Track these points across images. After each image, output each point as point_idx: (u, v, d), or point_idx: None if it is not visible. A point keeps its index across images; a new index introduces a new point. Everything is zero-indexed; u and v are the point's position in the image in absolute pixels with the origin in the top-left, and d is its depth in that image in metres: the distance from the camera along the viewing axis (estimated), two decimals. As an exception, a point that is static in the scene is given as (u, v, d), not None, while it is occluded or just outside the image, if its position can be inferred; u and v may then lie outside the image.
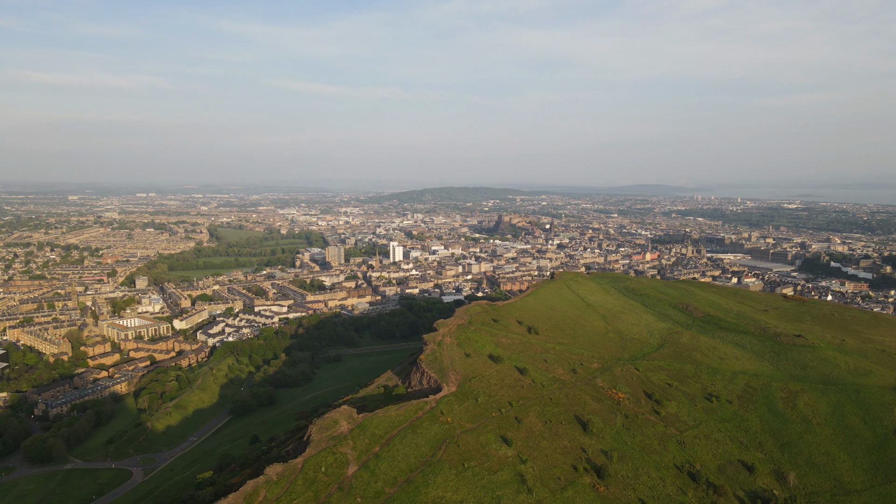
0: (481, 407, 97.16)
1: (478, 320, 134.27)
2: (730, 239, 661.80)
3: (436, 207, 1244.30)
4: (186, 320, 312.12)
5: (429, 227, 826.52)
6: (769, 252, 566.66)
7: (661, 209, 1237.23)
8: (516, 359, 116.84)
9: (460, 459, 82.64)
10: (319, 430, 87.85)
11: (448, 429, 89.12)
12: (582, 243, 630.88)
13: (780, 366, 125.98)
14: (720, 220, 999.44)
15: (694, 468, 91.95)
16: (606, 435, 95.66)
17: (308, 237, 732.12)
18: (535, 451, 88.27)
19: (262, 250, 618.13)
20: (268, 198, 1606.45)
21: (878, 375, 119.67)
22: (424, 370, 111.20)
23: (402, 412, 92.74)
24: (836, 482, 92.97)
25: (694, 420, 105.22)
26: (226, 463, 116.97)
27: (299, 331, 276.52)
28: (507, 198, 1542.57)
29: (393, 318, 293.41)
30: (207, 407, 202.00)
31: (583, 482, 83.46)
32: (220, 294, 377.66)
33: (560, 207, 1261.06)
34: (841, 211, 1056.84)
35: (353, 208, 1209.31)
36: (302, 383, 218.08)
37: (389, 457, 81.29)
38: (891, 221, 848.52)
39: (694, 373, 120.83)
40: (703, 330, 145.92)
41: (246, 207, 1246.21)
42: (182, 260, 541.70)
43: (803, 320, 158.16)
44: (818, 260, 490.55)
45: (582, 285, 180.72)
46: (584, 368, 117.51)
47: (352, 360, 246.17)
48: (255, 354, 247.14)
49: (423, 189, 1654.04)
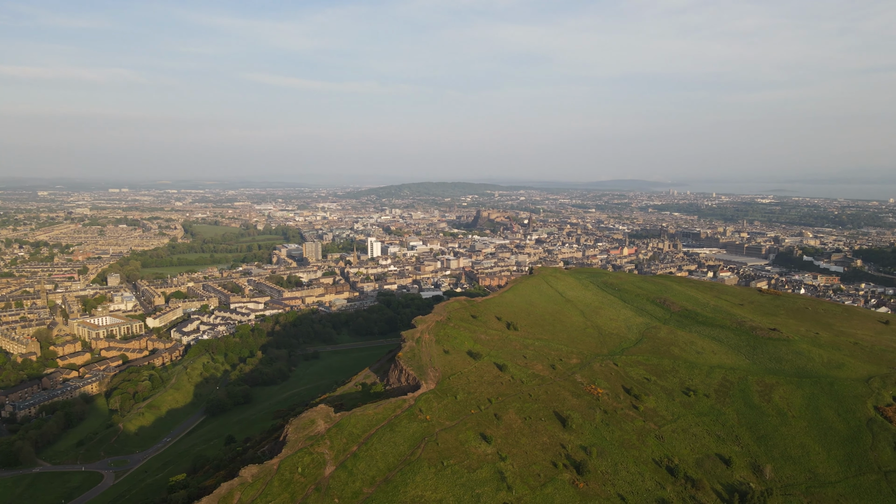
0: (460, 404, 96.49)
1: (456, 317, 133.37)
2: (705, 233, 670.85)
3: (414, 203, 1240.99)
4: (160, 318, 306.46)
5: (407, 223, 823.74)
6: (744, 246, 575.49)
7: (638, 204, 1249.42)
8: (495, 355, 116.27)
9: (439, 458, 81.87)
10: (296, 430, 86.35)
11: (427, 427, 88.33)
12: (560, 238, 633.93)
13: (755, 359, 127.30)
14: (696, 214, 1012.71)
15: (672, 462, 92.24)
16: (586, 430, 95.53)
17: (285, 233, 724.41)
18: (514, 448, 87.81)
19: (238, 246, 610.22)
20: (244, 193, 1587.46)
21: (851, 368, 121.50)
22: (403, 367, 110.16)
23: (381, 410, 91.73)
24: (811, 474, 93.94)
25: (672, 414, 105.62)
26: (200, 464, 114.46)
27: (276, 328, 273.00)
28: (485, 193, 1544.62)
29: (371, 315, 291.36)
30: (181, 407, 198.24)
31: (562, 478, 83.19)
32: (194, 291, 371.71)
33: (538, 202, 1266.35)
34: (813, 206, 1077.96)
35: (331, 204, 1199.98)
36: (279, 381, 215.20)
37: (367, 456, 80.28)
38: (860, 216, 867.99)
39: (672, 367, 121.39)
40: (680, 324, 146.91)
41: (221, 203, 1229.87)
42: (156, 256, 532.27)
43: (778, 314, 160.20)
44: (791, 254, 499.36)
45: (560, 280, 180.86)
46: (564, 364, 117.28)
47: (330, 358, 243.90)
48: (231, 352, 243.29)
49: (401, 184, 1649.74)
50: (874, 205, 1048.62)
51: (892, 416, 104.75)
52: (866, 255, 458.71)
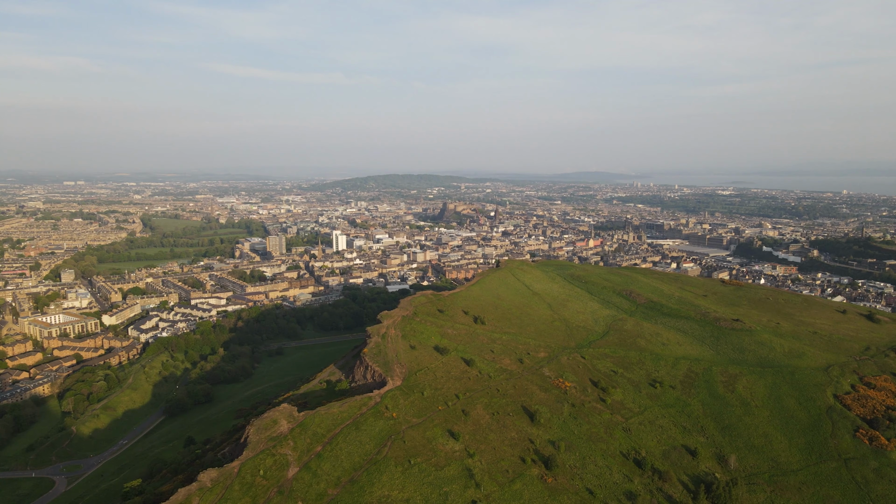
0: (427, 400, 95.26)
1: (423, 311, 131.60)
2: (669, 225, 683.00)
3: (380, 195, 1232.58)
4: (117, 315, 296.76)
5: (373, 216, 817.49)
6: (706, 238, 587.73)
7: (603, 196, 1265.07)
8: (462, 350, 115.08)
9: (406, 456, 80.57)
10: (257, 431, 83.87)
11: (393, 424, 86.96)
12: (527, 230, 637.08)
13: (719, 350, 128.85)
14: (659, 206, 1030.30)
15: (639, 455, 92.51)
16: (554, 425, 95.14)
17: (248, 226, 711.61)
18: (482, 444, 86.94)
19: (199, 240, 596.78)
20: (206, 186, 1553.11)
21: (811, 357, 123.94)
22: (368, 364, 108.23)
23: (346, 409, 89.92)
24: (773, 463, 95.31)
25: (639, 406, 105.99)
26: (157, 468, 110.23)
27: (239, 324, 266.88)
28: (451, 185, 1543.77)
29: (336, 309, 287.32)
30: (139, 407, 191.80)
31: (531, 474, 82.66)
32: (153, 287, 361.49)
33: (504, 195, 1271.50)
34: (771, 197, 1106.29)
35: (295, 196, 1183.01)
36: (242, 379, 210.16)
37: (332, 456, 78.55)
38: (816, 207, 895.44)
39: (638, 359, 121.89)
40: (646, 316, 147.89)
41: (182, 196, 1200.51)
42: (113, 251, 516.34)
43: (741, 304, 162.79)
44: (751, 245, 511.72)
45: (527, 273, 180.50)
46: (531, 358, 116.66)
47: (294, 353, 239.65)
48: (192, 350, 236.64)
49: (366, 176, 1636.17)
50: (828, 196, 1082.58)
51: (851, 403, 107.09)
52: (822, 246, 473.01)
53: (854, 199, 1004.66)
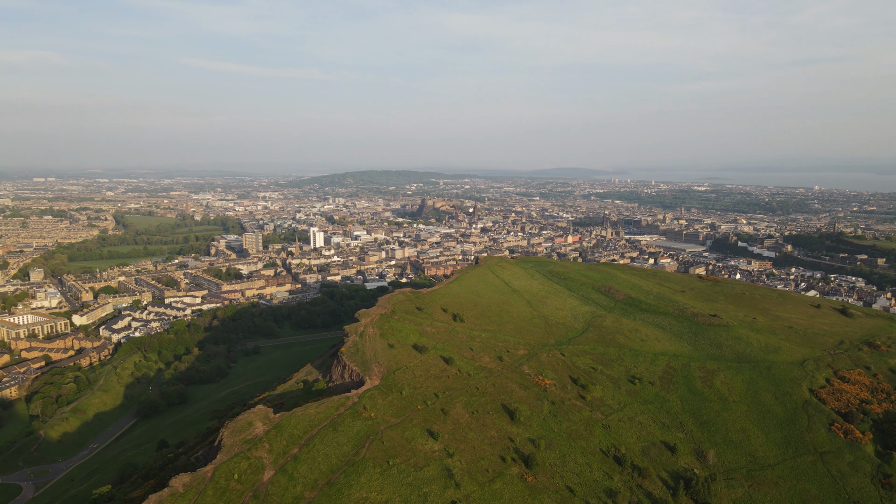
0: (406, 400, 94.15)
1: (401, 309, 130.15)
2: (646, 221, 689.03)
3: (358, 191, 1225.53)
4: (88, 315, 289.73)
5: (351, 212, 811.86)
6: (682, 233, 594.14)
7: (581, 192, 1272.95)
8: (441, 348, 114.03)
9: (385, 457, 79.37)
10: (232, 434, 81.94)
11: (371, 425, 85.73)
12: (505, 227, 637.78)
13: (697, 346, 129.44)
14: (636, 202, 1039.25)
15: (619, 452, 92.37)
16: (534, 423, 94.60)
17: (224, 223, 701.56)
18: (462, 443, 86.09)
19: (173, 238, 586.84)
20: (181, 182, 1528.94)
21: (787, 351, 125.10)
22: (346, 363, 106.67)
23: (323, 409, 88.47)
24: (751, 458, 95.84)
25: (618, 403, 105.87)
26: (128, 473, 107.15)
27: (214, 323, 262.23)
28: (430, 181, 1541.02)
29: (314, 307, 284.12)
30: (110, 410, 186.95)
31: (511, 473, 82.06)
32: (126, 286, 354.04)
33: (483, 191, 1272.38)
34: (745, 193, 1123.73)
35: (273, 193, 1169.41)
36: (217, 379, 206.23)
37: (309, 458, 77.10)
38: (789, 202, 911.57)
39: (617, 356, 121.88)
40: (625, 312, 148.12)
41: (157, 193, 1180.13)
42: (84, 249, 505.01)
43: (718, 300, 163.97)
44: (727, 240, 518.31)
45: (506, 270, 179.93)
46: (511, 356, 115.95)
47: (271, 352, 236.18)
48: (165, 350, 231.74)
49: (344, 173, 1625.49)
50: (801, 192, 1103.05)
51: (826, 397, 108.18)
52: (796, 241, 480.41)
53: (826, 195, 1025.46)
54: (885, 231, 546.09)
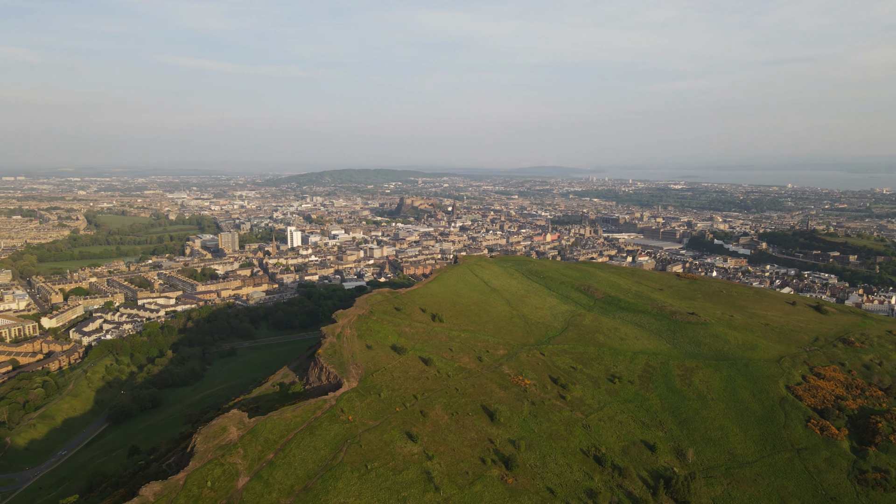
0: (384, 402, 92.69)
1: (379, 309, 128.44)
2: (624, 219, 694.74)
3: (336, 190, 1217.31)
4: (57, 317, 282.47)
5: (329, 211, 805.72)
6: (660, 231, 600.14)
7: (560, 190, 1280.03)
8: (420, 349, 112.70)
9: (363, 461, 77.89)
10: (205, 440, 79.77)
11: (349, 428, 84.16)
12: (484, 225, 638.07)
13: (676, 344, 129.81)
14: (614, 200, 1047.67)
15: (599, 452, 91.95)
16: (514, 423, 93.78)
17: (199, 223, 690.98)
18: (441, 445, 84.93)
19: (147, 238, 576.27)
20: (155, 181, 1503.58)
21: (764, 349, 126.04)
22: (323, 365, 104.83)
23: (299, 413, 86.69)
24: (730, 455, 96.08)
25: (598, 403, 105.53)
26: (97, 482, 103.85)
27: (188, 324, 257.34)
28: (408, 180, 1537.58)
29: (291, 308, 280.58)
30: (80, 415, 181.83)
31: (491, 475, 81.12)
32: (97, 287, 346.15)
33: (462, 189, 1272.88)
34: (721, 191, 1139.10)
35: (249, 192, 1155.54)
36: (192, 382, 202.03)
37: (285, 464, 75.33)
38: (763, 200, 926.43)
39: (597, 355, 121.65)
40: (604, 311, 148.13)
41: (130, 192, 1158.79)
42: (54, 250, 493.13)
43: (695, 298, 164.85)
44: (703, 238, 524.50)
45: (486, 269, 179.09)
46: (490, 356, 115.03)
47: (247, 354, 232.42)
48: (138, 353, 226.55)
49: (322, 171, 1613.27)
50: (774, 190, 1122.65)
51: (802, 394, 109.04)
52: (770, 238, 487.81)
53: (798, 193, 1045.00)
54: (855, 228, 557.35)
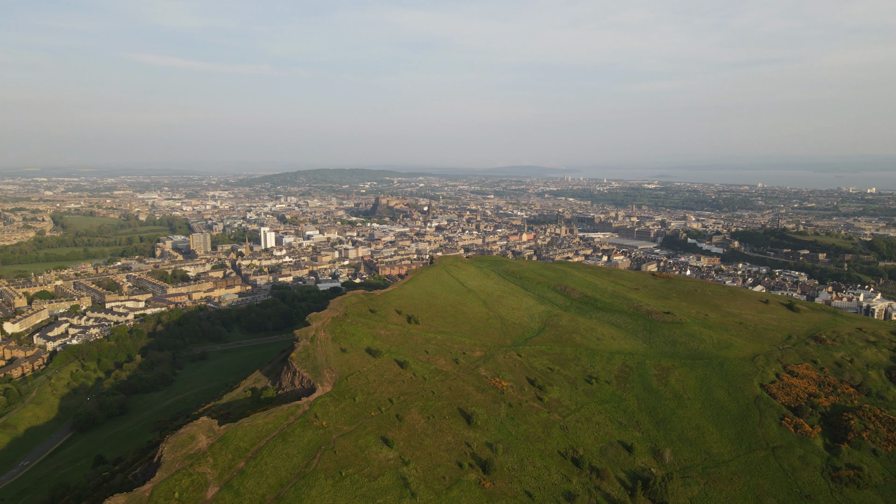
0: (359, 406, 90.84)
1: (354, 312, 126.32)
2: (599, 218, 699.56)
3: (311, 190, 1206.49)
4: (21, 322, 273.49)
5: (303, 211, 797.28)
6: (634, 230, 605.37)
7: (535, 190, 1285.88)
8: (396, 351, 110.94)
9: (337, 467, 75.99)
10: (172, 449, 77.06)
11: (323, 434, 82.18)
12: (460, 225, 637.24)
13: (652, 343, 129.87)
14: (589, 199, 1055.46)
15: (577, 453, 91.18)
16: (491, 426, 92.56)
17: (171, 224, 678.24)
18: (417, 450, 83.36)
19: (116, 239, 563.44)
20: (125, 181, 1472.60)
21: (738, 347, 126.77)
22: (296, 369, 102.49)
23: (271, 419, 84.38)
24: (706, 455, 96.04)
25: (576, 404, 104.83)
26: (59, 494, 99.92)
27: (158, 328, 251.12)
28: (384, 179, 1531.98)
29: (264, 310, 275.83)
30: (44, 423, 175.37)
31: (468, 479, 79.76)
32: (63, 290, 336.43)
33: (437, 189, 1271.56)
34: (693, 190, 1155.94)
35: (223, 192, 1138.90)
36: (161, 387, 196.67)
37: (256, 472, 73.13)
38: (734, 199, 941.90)
39: (574, 355, 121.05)
40: (581, 311, 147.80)
41: (99, 192, 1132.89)
42: (19, 252, 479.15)
43: (671, 297, 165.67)
44: (677, 237, 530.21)
45: (462, 270, 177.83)
46: (467, 358, 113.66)
47: (219, 358, 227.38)
48: (105, 358, 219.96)
49: (297, 171, 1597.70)
50: (745, 189, 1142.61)
51: (776, 392, 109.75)
52: (742, 237, 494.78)
53: (768, 192, 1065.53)
54: (824, 227, 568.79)
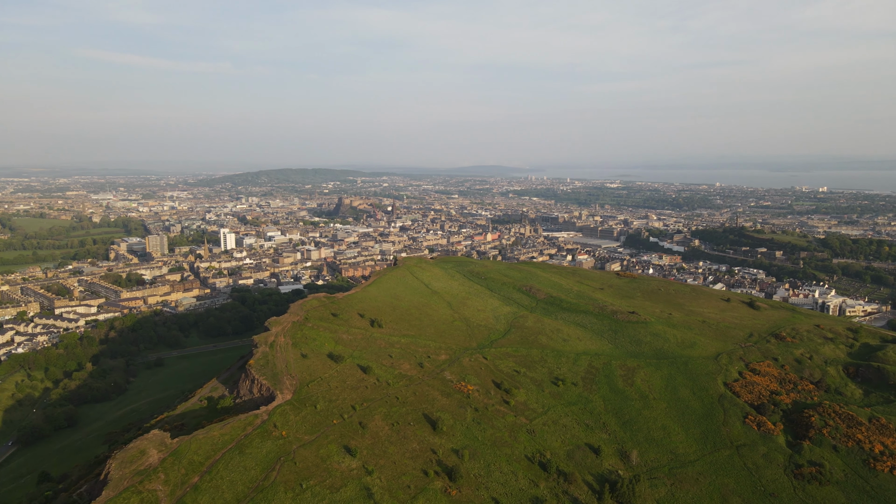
0: (321, 414, 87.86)
1: (315, 316, 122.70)
2: (563, 218, 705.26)
3: (273, 190, 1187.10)
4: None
5: (265, 212, 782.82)
6: (598, 229, 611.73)
7: (500, 189, 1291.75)
8: (359, 356, 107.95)
9: (297, 479, 73.07)
10: (121, 465, 72.75)
11: (283, 444, 79.03)
12: (425, 225, 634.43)
13: (618, 343, 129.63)
14: (553, 199, 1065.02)
15: (544, 457, 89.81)
16: (457, 432, 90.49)
17: (126, 225, 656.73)
18: (381, 458, 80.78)
19: (68, 242, 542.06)
20: (79, 182, 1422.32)
21: (702, 346, 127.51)
22: (255, 377, 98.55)
23: (228, 430, 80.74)
24: (672, 455, 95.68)
25: (542, 407, 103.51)
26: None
27: (111, 334, 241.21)
28: (347, 179, 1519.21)
29: (223, 314, 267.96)
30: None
31: (434, 487, 77.63)
32: (9, 296, 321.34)
33: (402, 189, 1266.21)
34: (654, 189, 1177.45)
35: (181, 192, 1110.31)
36: (114, 396, 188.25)
37: (212, 487, 69.80)
38: (694, 198, 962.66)
39: (540, 357, 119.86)
40: (546, 312, 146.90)
41: (51, 193, 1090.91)
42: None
43: (635, 296, 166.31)
44: (639, 236, 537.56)
45: (426, 271, 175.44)
46: (432, 361, 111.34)
47: (176, 364, 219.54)
48: (54, 366, 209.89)
49: (259, 171, 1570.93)
50: (704, 188, 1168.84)
51: (740, 390, 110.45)
52: (702, 235, 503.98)
53: (726, 191, 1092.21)
54: (780, 225, 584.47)
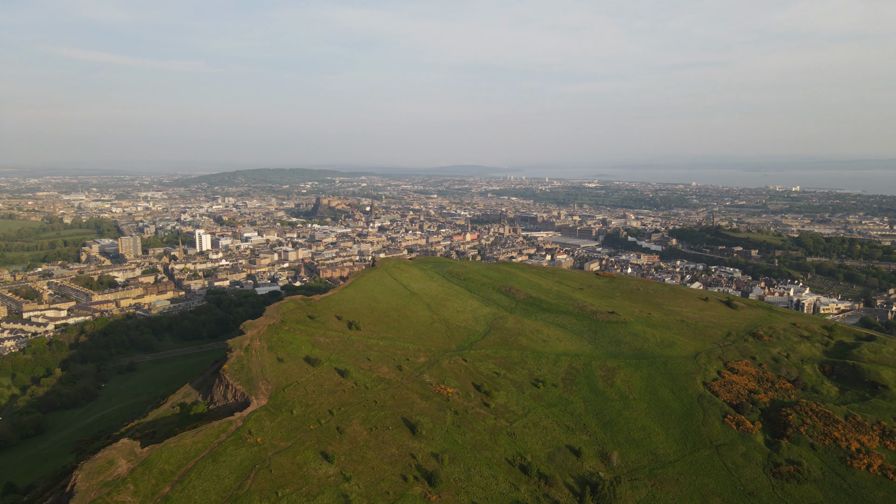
0: (297, 420, 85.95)
1: (291, 318, 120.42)
2: (542, 217, 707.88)
3: (250, 191, 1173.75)
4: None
5: (241, 212, 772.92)
6: (576, 229, 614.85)
7: (478, 189, 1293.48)
8: (336, 359, 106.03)
9: (273, 487, 71.26)
10: (88, 476, 70.08)
11: (258, 451, 77.03)
12: (403, 225, 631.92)
13: (598, 344, 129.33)
14: (532, 198, 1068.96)
15: (525, 460, 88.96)
16: (436, 436, 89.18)
17: (98, 226, 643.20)
18: (359, 464, 79.19)
19: (38, 243, 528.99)
20: (50, 182, 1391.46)
21: (681, 346, 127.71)
22: (229, 382, 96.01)
23: (201, 437, 78.39)
24: (653, 456, 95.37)
25: (523, 409, 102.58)
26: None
27: (81, 338, 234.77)
28: (325, 179, 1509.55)
29: (199, 316, 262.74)
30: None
31: (413, 493, 76.40)
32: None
33: (380, 189, 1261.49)
34: (632, 189, 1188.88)
35: (156, 193, 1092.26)
36: (84, 402, 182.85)
37: (183, 497, 67.78)
38: (670, 198, 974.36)
39: (520, 358, 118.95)
40: (526, 313, 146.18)
41: (20, 193, 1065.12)
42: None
43: (614, 296, 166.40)
44: (618, 235, 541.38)
45: (404, 272, 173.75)
46: (411, 364, 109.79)
47: (149, 368, 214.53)
48: (21, 373, 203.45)
49: (235, 171, 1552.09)
50: (680, 188, 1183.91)
51: (718, 390, 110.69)
52: (679, 235, 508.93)
53: (702, 191, 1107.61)
54: (755, 224, 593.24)
